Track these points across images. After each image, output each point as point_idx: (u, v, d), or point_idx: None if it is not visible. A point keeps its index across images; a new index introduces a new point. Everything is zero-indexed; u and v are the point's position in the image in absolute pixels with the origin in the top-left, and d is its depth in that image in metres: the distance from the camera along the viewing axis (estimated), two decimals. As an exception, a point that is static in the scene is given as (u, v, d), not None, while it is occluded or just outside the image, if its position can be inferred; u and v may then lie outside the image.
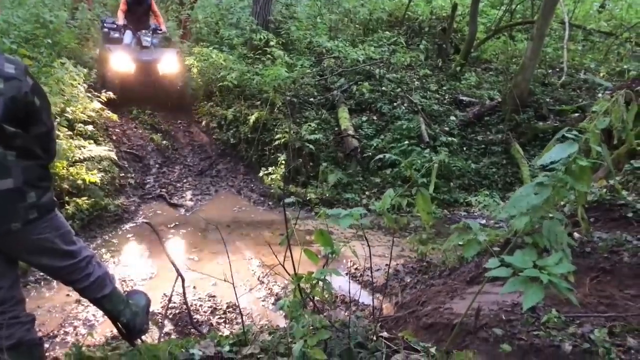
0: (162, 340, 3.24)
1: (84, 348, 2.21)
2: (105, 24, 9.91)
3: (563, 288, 1.68)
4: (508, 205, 1.81)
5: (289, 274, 2.20)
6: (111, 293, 2.37)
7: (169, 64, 9.43)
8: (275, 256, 2.20)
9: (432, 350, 2.56)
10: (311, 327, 2.09)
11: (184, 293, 3.04)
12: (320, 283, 2.00)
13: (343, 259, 6.25)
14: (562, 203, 3.89)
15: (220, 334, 2.64)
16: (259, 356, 2.22)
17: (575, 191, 1.91)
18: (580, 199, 1.92)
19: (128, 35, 9.63)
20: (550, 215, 1.79)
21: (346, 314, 4.26)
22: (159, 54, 9.51)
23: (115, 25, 9.61)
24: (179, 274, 2.98)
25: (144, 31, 9.64)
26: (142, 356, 2.02)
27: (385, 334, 2.54)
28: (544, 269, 1.70)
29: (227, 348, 2.31)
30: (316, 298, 2.36)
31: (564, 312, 3.30)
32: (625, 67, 10.78)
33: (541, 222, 1.86)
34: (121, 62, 9.03)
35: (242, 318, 2.37)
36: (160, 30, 9.99)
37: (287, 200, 6.52)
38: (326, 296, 2.04)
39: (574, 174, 1.87)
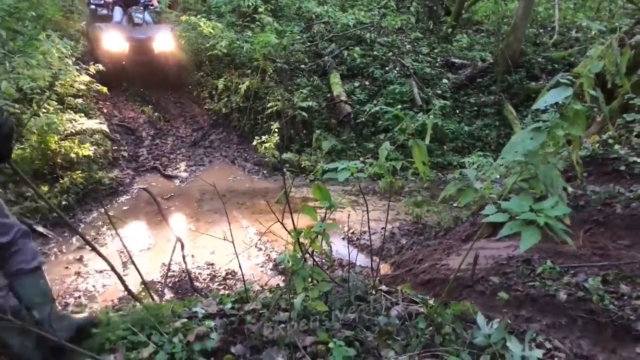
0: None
1: (85, 310, 2.23)
2: (91, 1, 9.47)
3: (559, 230, 1.70)
4: (504, 151, 1.81)
5: (287, 231, 2.21)
6: (37, 272, 2.16)
7: (164, 41, 9.03)
8: (274, 214, 2.21)
9: (430, 302, 2.60)
10: (311, 281, 2.12)
11: (184, 258, 3.06)
12: (320, 237, 2.01)
13: (339, 223, 6.30)
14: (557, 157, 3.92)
15: (222, 293, 2.66)
16: (260, 311, 2.26)
17: (571, 135, 1.92)
18: (576, 143, 1.93)
19: (118, 12, 9.22)
20: (547, 160, 1.80)
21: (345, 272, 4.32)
22: (153, 31, 9.07)
23: (103, 2, 9.21)
24: (178, 239, 3.00)
25: (134, 7, 9.22)
26: (145, 314, 2.03)
27: (384, 287, 2.58)
28: (540, 212, 1.72)
29: (229, 305, 2.33)
30: (315, 253, 2.38)
31: (558, 263, 3.35)
32: (616, 24, 10.69)
33: (536, 169, 1.87)
34: (114, 42, 8.61)
35: (242, 276, 2.39)
36: (152, 5, 9.60)
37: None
38: (325, 249, 2.06)
39: (569, 118, 1.87)
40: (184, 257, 3.11)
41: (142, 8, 9.25)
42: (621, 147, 4.53)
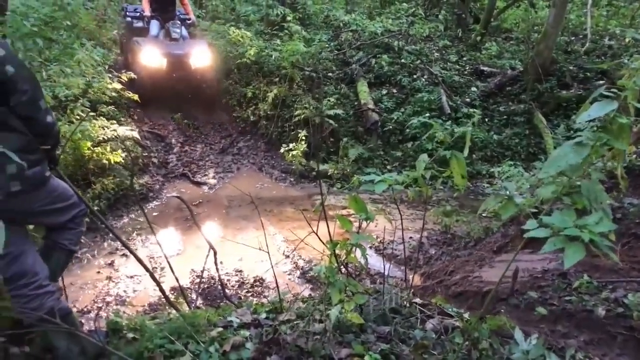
0: (190, 309, 3.30)
1: (123, 316, 2.26)
2: (127, 13, 9.41)
3: (604, 247, 1.66)
4: (546, 165, 1.78)
5: (322, 242, 2.21)
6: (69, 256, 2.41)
7: (201, 57, 8.79)
8: (309, 224, 2.21)
9: (465, 315, 2.57)
10: (347, 293, 2.11)
11: (216, 265, 3.08)
12: (355, 249, 2.00)
13: (367, 232, 6.29)
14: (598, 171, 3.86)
15: (255, 302, 2.67)
16: (295, 322, 2.25)
17: (614, 149, 1.88)
18: (620, 157, 1.89)
19: (155, 26, 8.93)
20: (590, 175, 1.77)
21: (376, 284, 4.30)
22: (190, 46, 8.82)
23: (139, 14, 9.10)
24: (211, 247, 3.02)
25: (172, 22, 8.93)
26: (182, 323, 2.05)
27: (418, 300, 2.56)
28: (584, 228, 1.68)
29: (263, 315, 2.34)
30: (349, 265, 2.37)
31: (595, 277, 3.28)
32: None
33: (578, 183, 1.84)
34: (151, 57, 8.41)
35: (277, 286, 2.39)
36: (189, 19, 9.38)
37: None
38: (362, 262, 2.05)
39: (613, 132, 1.83)
40: (216, 264, 3.12)
41: (179, 22, 9.00)
42: (660, 159, 4.42)
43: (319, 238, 2.20)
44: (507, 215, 1.86)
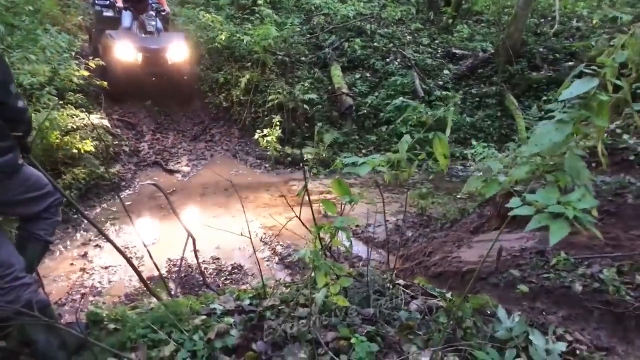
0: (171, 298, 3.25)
1: (104, 307, 2.21)
2: (97, 1, 8.88)
3: (588, 223, 1.68)
4: (530, 144, 1.79)
5: (305, 227, 2.18)
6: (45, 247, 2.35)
7: (178, 51, 8.38)
8: (292, 208, 2.18)
9: (448, 295, 2.58)
10: (331, 276, 2.09)
11: (195, 253, 3.03)
12: (339, 232, 1.98)
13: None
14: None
15: (237, 289, 2.64)
16: (279, 307, 2.23)
17: (595, 127, 1.90)
18: (600, 134, 1.91)
19: (127, 17, 8.39)
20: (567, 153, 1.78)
21: (357, 267, 4.30)
22: (166, 40, 8.36)
23: (108, 2, 8.57)
24: (190, 235, 2.97)
25: (146, 14, 8.39)
26: (164, 312, 2.01)
27: (401, 281, 2.56)
28: (567, 205, 1.70)
29: (247, 302, 2.31)
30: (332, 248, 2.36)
31: (571, 254, 3.34)
32: (617, 14, 10.65)
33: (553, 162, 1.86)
34: (126, 52, 7.96)
35: (260, 271, 2.36)
36: (164, 10, 8.83)
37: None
38: (346, 244, 2.03)
39: (593, 109, 1.85)
40: (195, 252, 3.07)
41: (153, 14, 8.45)
42: (630, 137, 4.51)
43: (302, 223, 2.17)
44: (491, 193, 1.86)
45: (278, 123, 8.16)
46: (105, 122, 7.50)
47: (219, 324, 2.10)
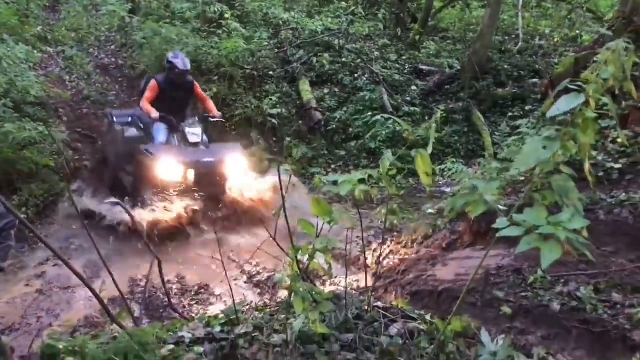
0: (136, 325, 3.07)
1: (61, 336, 2.02)
2: (115, 119, 7.12)
3: (579, 244, 1.62)
4: (517, 162, 1.73)
5: (280, 248, 2.06)
6: None
7: (237, 165, 6.46)
8: (267, 229, 2.06)
9: (427, 317, 2.49)
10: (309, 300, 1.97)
11: (161, 274, 2.87)
12: (318, 254, 1.87)
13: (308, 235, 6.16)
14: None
15: (207, 314, 2.48)
16: (253, 334, 2.10)
17: (580, 144, 1.85)
18: (585, 151, 1.86)
19: (161, 132, 6.54)
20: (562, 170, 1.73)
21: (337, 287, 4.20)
22: (221, 151, 6.53)
23: (131, 119, 7.03)
24: (155, 256, 2.81)
25: (188, 121, 6.71)
26: (128, 342, 1.85)
27: (379, 303, 2.46)
28: (558, 225, 1.63)
29: (217, 328, 2.16)
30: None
31: (547, 271, 3.30)
32: (577, 32, 10.99)
33: (548, 178, 1.80)
34: (171, 169, 6.05)
35: (232, 295, 2.22)
36: (213, 117, 6.93)
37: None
38: (325, 267, 1.92)
39: (579, 126, 1.81)
40: (161, 274, 2.91)
41: (196, 119, 6.85)
42: (597, 153, 4.55)
43: (277, 244, 2.05)
44: (478, 212, 1.79)
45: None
46: (65, 136, 7.21)
47: (188, 353, 1.96)
